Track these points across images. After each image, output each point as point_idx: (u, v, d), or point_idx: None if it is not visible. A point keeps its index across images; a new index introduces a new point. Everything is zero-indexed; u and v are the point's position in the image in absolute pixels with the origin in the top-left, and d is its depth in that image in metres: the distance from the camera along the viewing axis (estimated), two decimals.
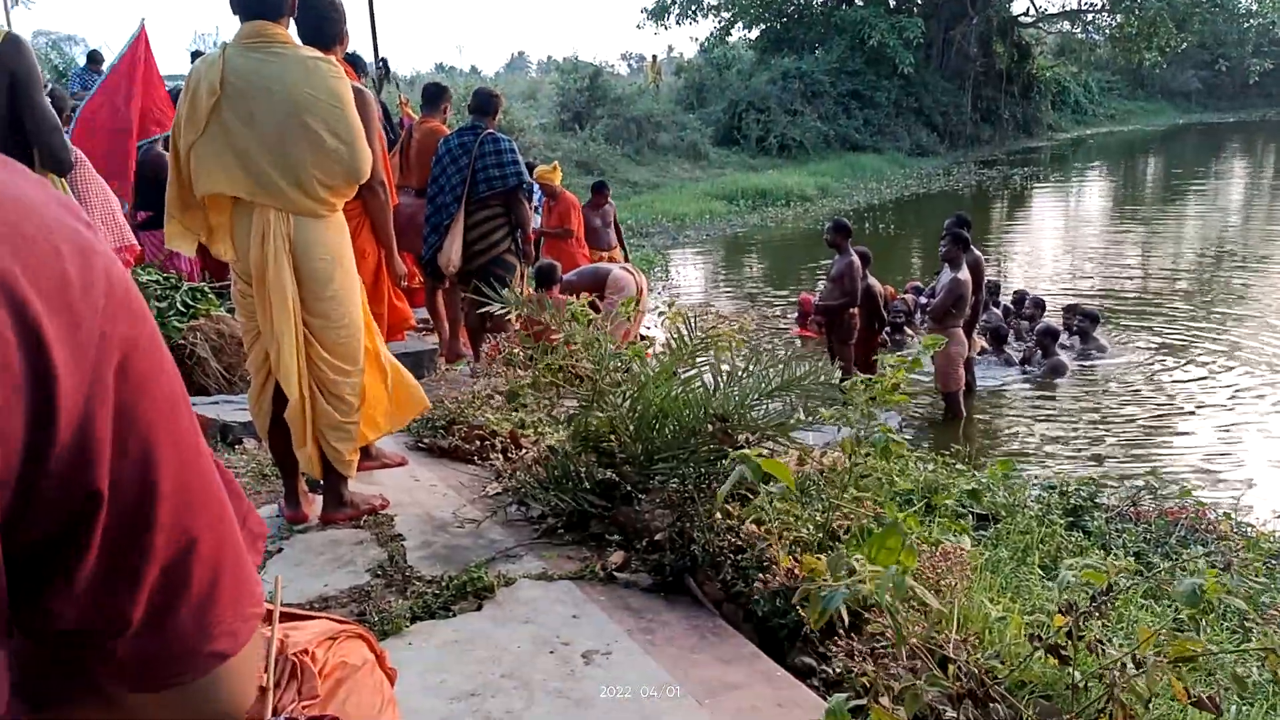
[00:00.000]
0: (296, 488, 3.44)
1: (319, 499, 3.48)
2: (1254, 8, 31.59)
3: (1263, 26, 32.50)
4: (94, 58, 13.21)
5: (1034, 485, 4.90)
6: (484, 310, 5.95)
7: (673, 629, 2.66)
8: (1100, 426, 7.46)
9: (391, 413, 3.58)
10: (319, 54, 3.17)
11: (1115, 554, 3.55)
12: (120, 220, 4.53)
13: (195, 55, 12.35)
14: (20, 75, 3.41)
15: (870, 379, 3.19)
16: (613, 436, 3.57)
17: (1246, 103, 43.48)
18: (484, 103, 6.22)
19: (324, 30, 3.59)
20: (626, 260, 9.90)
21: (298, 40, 3.26)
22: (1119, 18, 31.25)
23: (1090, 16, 33.31)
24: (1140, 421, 7.53)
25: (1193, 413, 7.71)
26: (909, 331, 9.62)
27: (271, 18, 3.08)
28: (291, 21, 3.21)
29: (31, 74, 3.43)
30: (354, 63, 5.79)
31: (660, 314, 7.06)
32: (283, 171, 3.04)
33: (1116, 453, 6.91)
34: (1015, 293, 10.58)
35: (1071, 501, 4.48)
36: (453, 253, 5.97)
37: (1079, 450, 6.99)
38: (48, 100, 3.53)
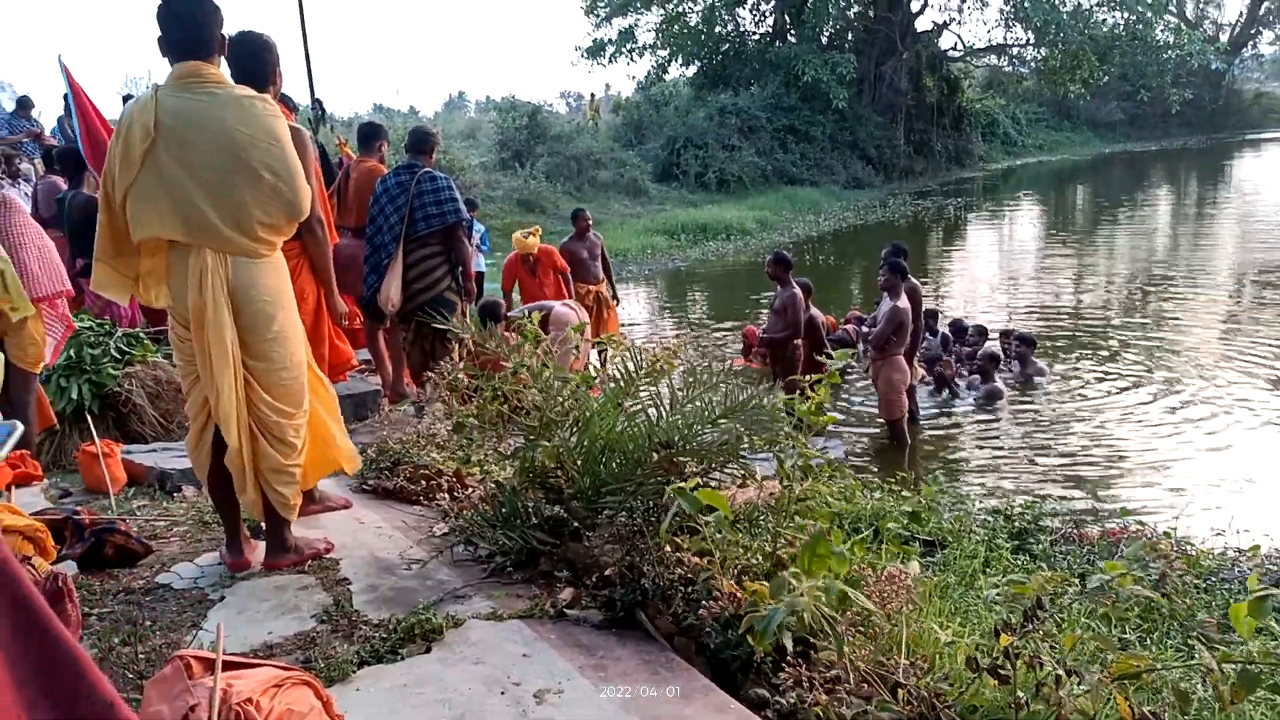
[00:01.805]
0: (239, 533, 3.37)
1: (262, 544, 3.42)
2: (1171, 40, 32.73)
3: (1180, 58, 33.65)
4: (23, 103, 12.98)
5: (979, 509, 4.97)
6: (428, 343, 5.95)
7: (625, 664, 2.65)
8: (1041, 448, 7.60)
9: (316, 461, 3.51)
10: (253, 92, 3.15)
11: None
12: (56, 264, 4.43)
13: (127, 99, 12.22)
14: None
15: (794, 399, 3.23)
16: (559, 471, 3.55)
17: (1168, 132, 44.98)
18: (420, 141, 6.21)
19: (257, 70, 3.57)
20: (614, 295, 9.90)
21: (230, 80, 3.24)
22: (1043, 51, 32.23)
23: (1016, 50, 34.33)
24: (1080, 442, 7.69)
25: (1130, 432, 7.88)
26: (852, 363, 9.74)
27: (203, 57, 3.06)
28: (223, 61, 3.19)
29: None
30: (285, 102, 5.75)
31: (600, 347, 7.09)
32: (221, 212, 3.00)
33: (1058, 474, 7.04)
34: (952, 322, 10.77)
35: (1016, 525, 4.55)
36: (392, 291, 5.92)
37: (1021, 473, 7.11)
38: None
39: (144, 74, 21.02)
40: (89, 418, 4.90)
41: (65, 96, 7.79)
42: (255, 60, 3.57)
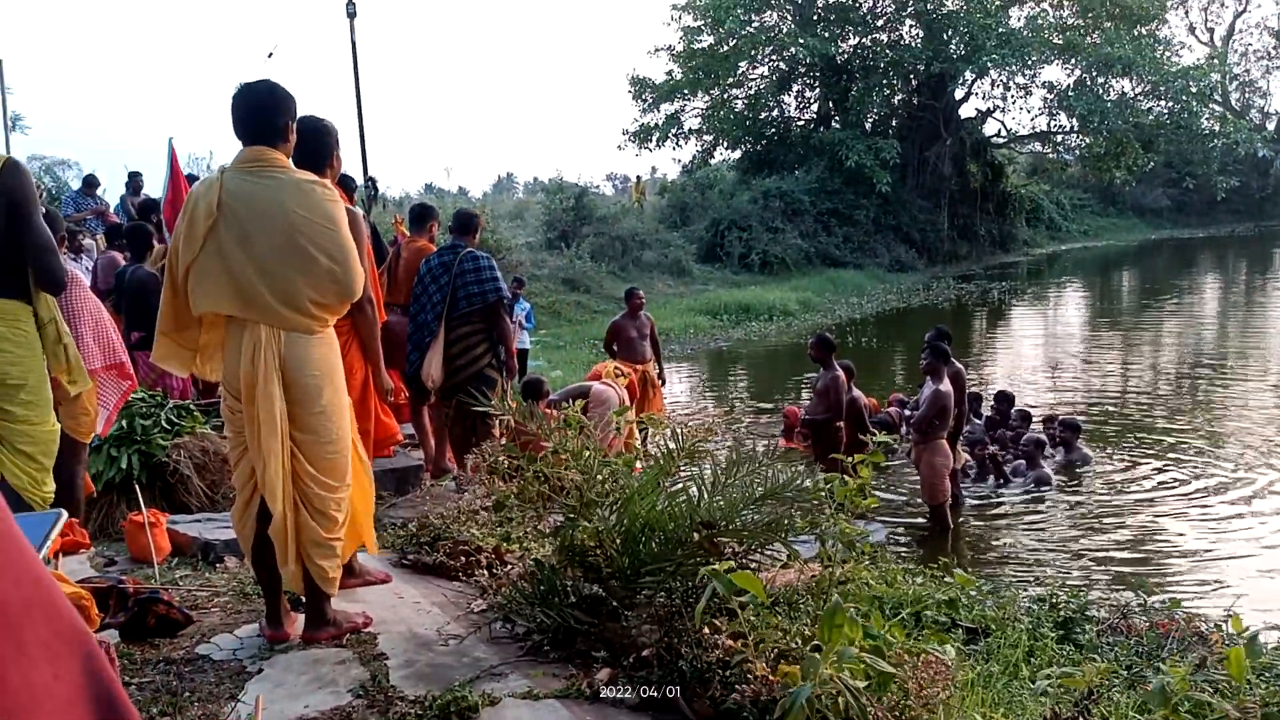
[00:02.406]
0: (279, 606, 3.40)
1: (300, 617, 3.43)
2: (1216, 128, 32.75)
3: (1226, 146, 33.63)
4: (90, 182, 13.47)
5: (1024, 598, 4.87)
6: (469, 420, 6.02)
7: None
8: (1087, 537, 7.45)
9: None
10: (313, 177, 3.27)
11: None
12: (113, 339, 4.57)
13: (190, 178, 12.65)
14: (19, 198, 3.49)
15: (834, 479, 3.22)
16: (598, 550, 3.55)
17: (1215, 219, 44.69)
18: (464, 222, 6.40)
19: (318, 154, 3.71)
20: (660, 375, 9.93)
21: (291, 164, 3.37)
22: (1087, 139, 32.32)
23: (1060, 137, 34.44)
24: (1127, 531, 7.52)
25: (1179, 523, 7.71)
26: (896, 445, 9.66)
27: (271, 144, 3.21)
28: (289, 146, 3.33)
29: (30, 197, 3.51)
30: (344, 184, 5.94)
31: (642, 426, 7.08)
32: (276, 290, 3.10)
33: (1105, 563, 6.88)
34: (998, 393, 10.65)
35: (1062, 614, 4.45)
36: (433, 368, 6.05)
37: (1068, 561, 6.96)
38: (44, 222, 3.60)
39: (206, 153, 21.72)
40: (137, 487, 4.99)
41: (167, 174, 8.23)
42: (316, 144, 3.71)
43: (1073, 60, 30.22)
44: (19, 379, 3.49)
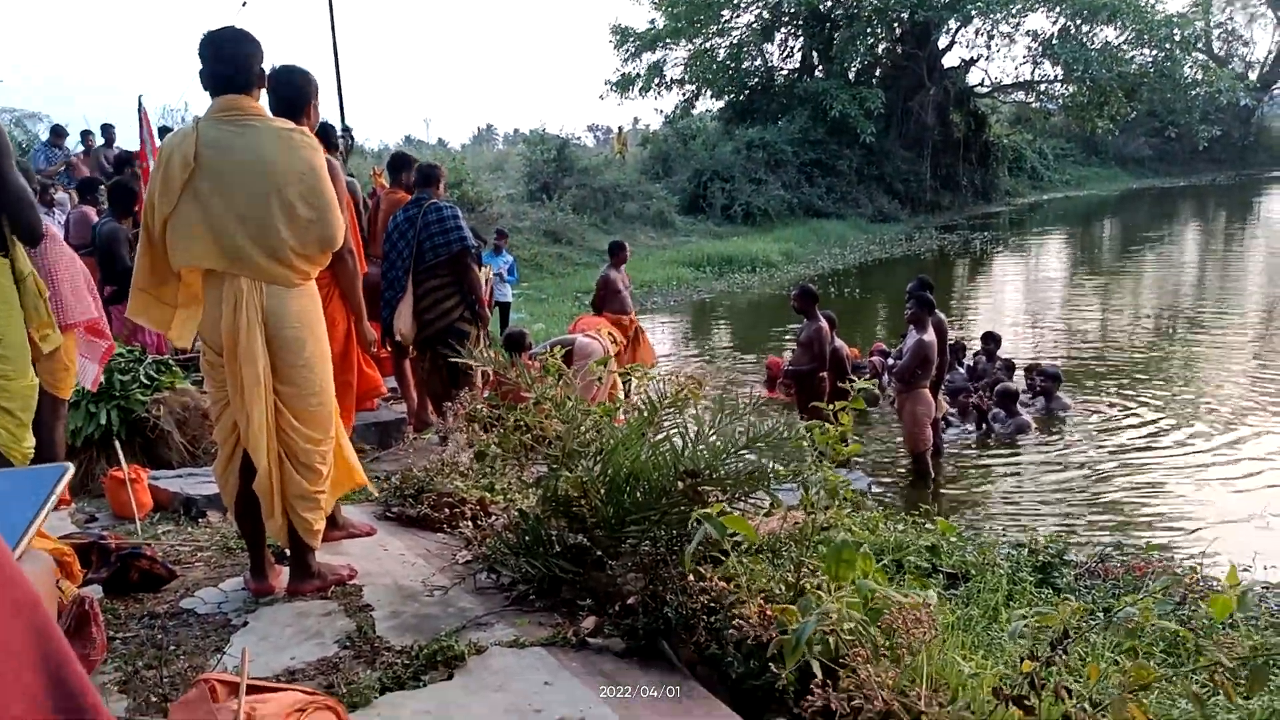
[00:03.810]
0: (263, 559, 3.39)
1: (285, 570, 3.44)
2: (1199, 77, 32.68)
3: (1209, 95, 33.57)
4: (57, 132, 13.27)
5: (1003, 543, 4.93)
6: (446, 372, 6.01)
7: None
8: (1066, 484, 7.53)
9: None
10: (291, 125, 3.21)
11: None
12: (87, 294, 4.51)
13: (164, 130, 12.46)
14: None
15: (817, 427, 3.22)
16: (583, 500, 3.55)
17: (1196, 168, 44.72)
18: (426, 175, 6.35)
19: (295, 102, 3.64)
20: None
21: (269, 112, 3.30)
22: (1071, 88, 32.20)
23: (1044, 86, 34.29)
24: (1104, 478, 7.61)
25: (1155, 469, 7.80)
26: (878, 393, 9.70)
27: (243, 91, 3.13)
28: (263, 93, 3.26)
29: (4, 149, 3.43)
30: (324, 133, 5.85)
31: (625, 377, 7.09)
32: (257, 241, 3.06)
33: (1083, 509, 6.97)
34: (984, 334, 10.71)
35: (1040, 559, 4.50)
36: (402, 321, 6.04)
37: (1046, 507, 7.04)
38: (19, 173, 3.53)
39: (180, 105, 21.38)
40: (117, 443, 4.96)
41: (141, 132, 8.14)
42: (293, 93, 3.64)
43: (1057, 8, 30.04)
44: None
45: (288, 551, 3.40)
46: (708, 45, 32.35)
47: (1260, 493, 7.07)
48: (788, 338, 12.77)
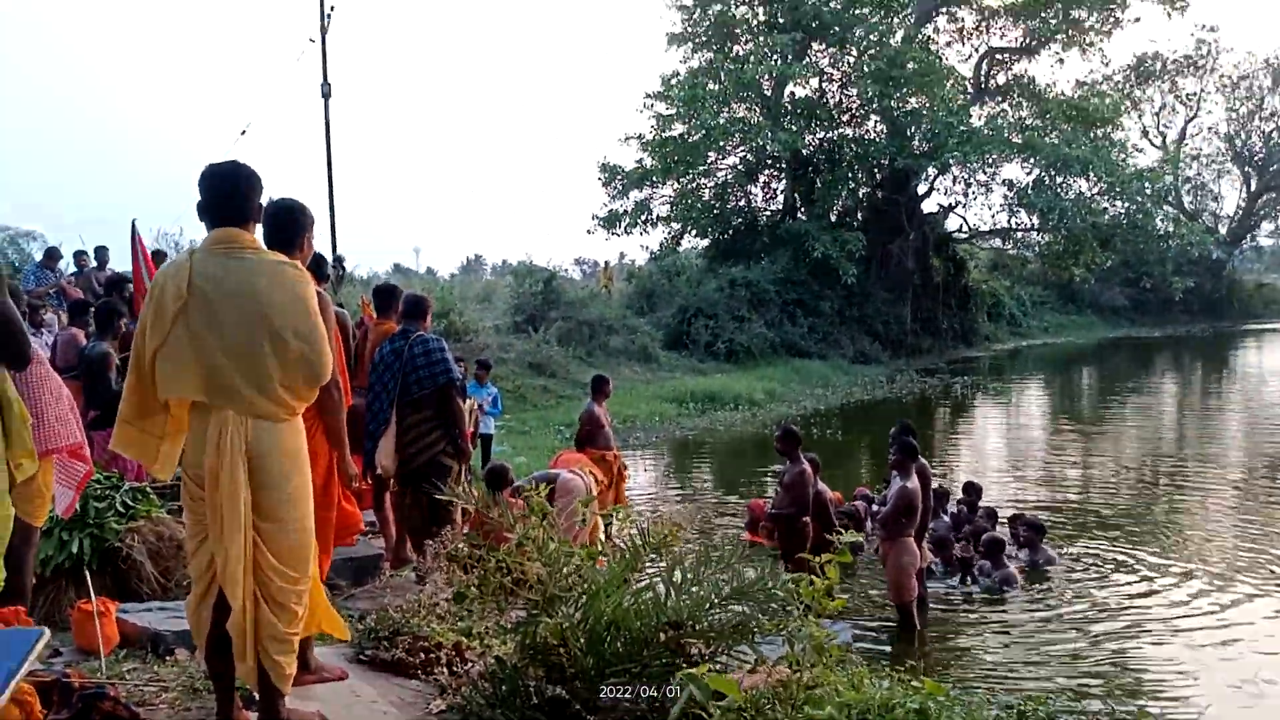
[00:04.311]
0: (232, 703, 3.28)
1: (253, 716, 3.31)
2: (1171, 229, 33.75)
3: (1181, 247, 34.65)
4: (50, 254, 13.38)
5: (992, 705, 4.80)
6: (427, 508, 5.94)
7: None
8: (1054, 640, 7.40)
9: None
10: (284, 258, 3.25)
11: None
12: (71, 417, 4.47)
13: (157, 254, 12.61)
14: None
15: (804, 579, 3.18)
16: (562, 649, 3.47)
17: (1171, 318, 45.70)
18: (412, 307, 6.41)
19: (289, 235, 3.69)
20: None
21: (264, 244, 3.35)
22: (1047, 236, 33.15)
23: (1020, 234, 35.28)
24: (1094, 637, 7.48)
25: (1146, 627, 7.69)
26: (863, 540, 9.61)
27: (239, 224, 3.19)
28: (257, 226, 3.32)
29: None
30: (316, 265, 5.93)
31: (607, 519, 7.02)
32: (246, 375, 3.06)
33: (1072, 669, 6.84)
34: (966, 484, 10.69)
35: None
36: (383, 455, 6.02)
37: (1034, 665, 6.90)
38: (9, 299, 3.54)
39: (176, 230, 21.68)
40: (87, 574, 4.83)
41: (134, 257, 8.29)
42: (289, 226, 3.69)
43: (1032, 159, 31.11)
44: None
45: (256, 696, 3.28)
46: (693, 185, 33.24)
47: (1252, 658, 6.96)
48: (769, 479, 12.72)
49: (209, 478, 3.07)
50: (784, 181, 33.79)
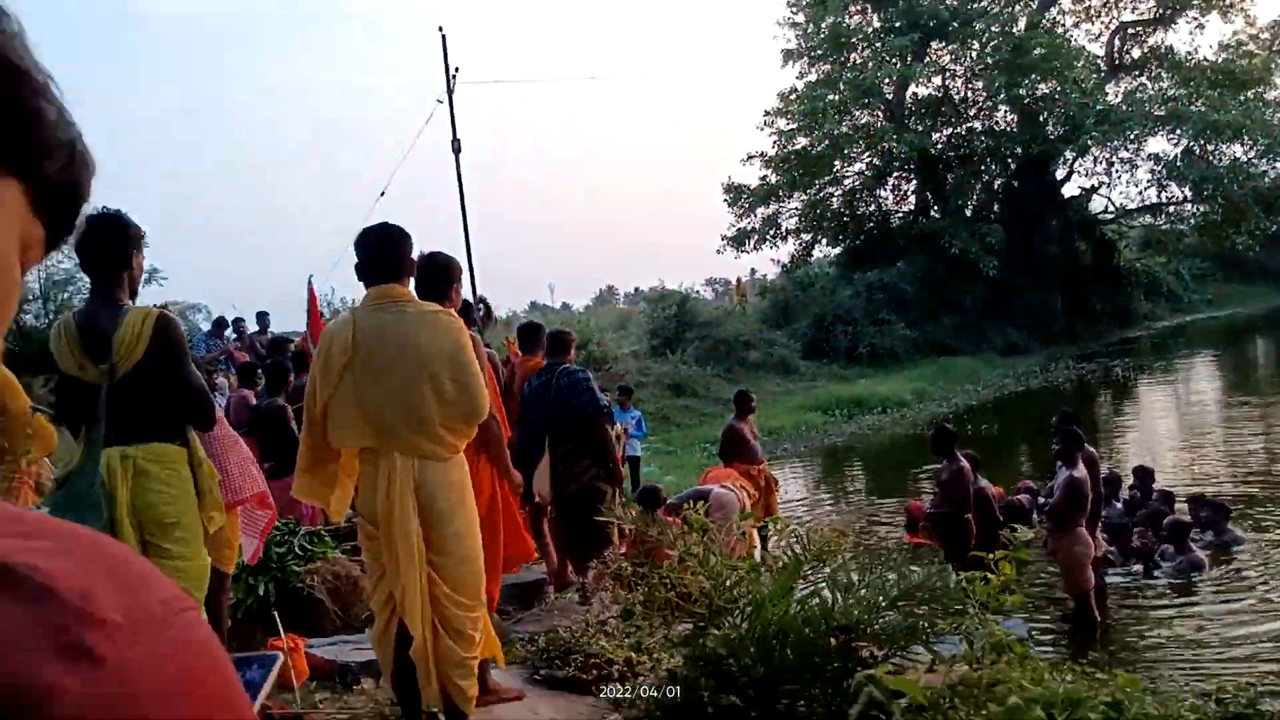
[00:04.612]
0: None
1: None
2: None
3: None
4: (219, 323, 14.25)
5: (1186, 694, 4.56)
6: (586, 532, 6.06)
7: None
8: (1247, 625, 6.97)
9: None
10: (437, 307, 3.42)
11: None
12: (255, 472, 4.77)
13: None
14: (176, 351, 3.70)
15: (977, 577, 3.10)
16: (732, 660, 3.48)
17: None
18: (557, 342, 6.57)
19: (441, 286, 3.87)
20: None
21: (416, 296, 3.53)
22: (1203, 207, 31.32)
23: (1173, 208, 33.43)
24: None
25: None
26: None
27: (395, 280, 3.38)
28: (411, 280, 3.50)
29: (183, 346, 3.73)
30: (465, 311, 6.15)
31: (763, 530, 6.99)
32: (409, 420, 3.23)
33: (1267, 654, 6.42)
34: (1136, 469, 10.19)
35: (1230, 709, 4.15)
36: (541, 484, 6.17)
37: (1228, 651, 6.51)
38: (195, 368, 3.81)
39: (328, 290, 22.78)
40: (275, 613, 5.11)
41: (310, 308, 8.90)
42: (439, 277, 3.88)
43: (1178, 131, 29.54)
44: (174, 517, 3.65)
45: (442, 718, 3.41)
46: (821, 195, 32.84)
47: None
48: (926, 480, 12.41)
49: (382, 517, 3.24)
50: (914, 182, 33.09)
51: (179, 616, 0.50)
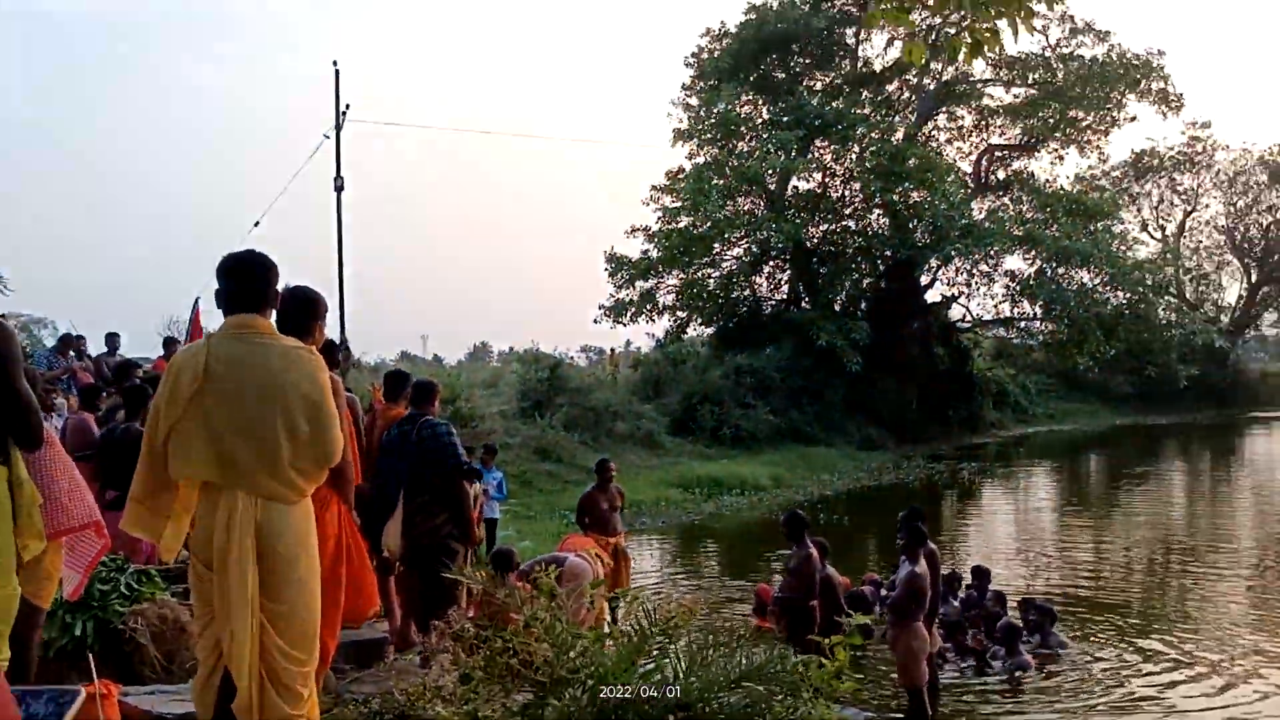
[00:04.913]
0: None
1: None
2: (1173, 319, 33.93)
3: (1184, 336, 34.77)
4: (66, 340, 13.51)
5: None
6: (432, 590, 5.91)
7: None
8: None
9: None
10: (298, 343, 3.33)
11: None
12: (88, 499, 4.49)
13: (168, 341, 12.76)
14: (4, 359, 3.49)
15: (814, 662, 3.16)
16: None
17: (1178, 406, 45.38)
18: (421, 392, 6.48)
19: (304, 321, 3.77)
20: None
21: (278, 330, 3.42)
22: (1050, 325, 33.30)
23: (1023, 323, 35.44)
24: None
25: (1156, 713, 7.54)
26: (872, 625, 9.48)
27: (256, 310, 3.27)
28: (273, 312, 3.39)
29: (14, 358, 3.51)
30: (328, 350, 6.00)
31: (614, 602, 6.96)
32: (258, 455, 3.10)
33: None
34: (974, 569, 10.57)
35: None
36: (390, 537, 6.01)
37: None
38: (26, 381, 3.58)
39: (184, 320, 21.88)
40: (90, 656, 4.79)
41: (188, 331, 8.41)
42: (302, 312, 3.79)
43: (1033, 251, 31.45)
44: None
45: None
46: (699, 275, 33.52)
47: None
48: (776, 564, 12.60)
49: (217, 558, 3.09)
50: (788, 272, 34.14)
51: None
